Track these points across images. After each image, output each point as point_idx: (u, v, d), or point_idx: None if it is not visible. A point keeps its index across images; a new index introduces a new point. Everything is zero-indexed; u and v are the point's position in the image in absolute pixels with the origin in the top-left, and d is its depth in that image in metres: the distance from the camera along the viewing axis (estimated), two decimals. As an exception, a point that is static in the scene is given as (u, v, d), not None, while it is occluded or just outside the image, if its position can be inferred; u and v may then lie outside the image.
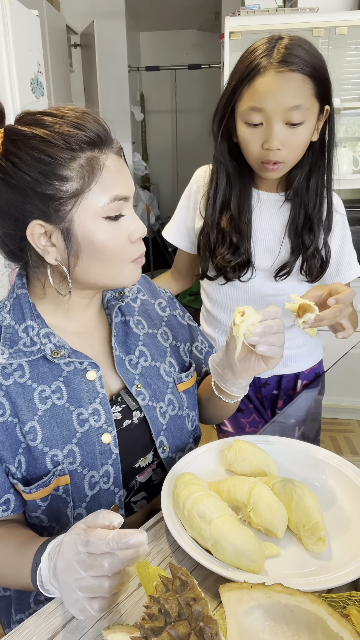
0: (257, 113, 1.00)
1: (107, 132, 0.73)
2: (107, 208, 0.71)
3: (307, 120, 1.01)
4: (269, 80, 0.98)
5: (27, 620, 0.64)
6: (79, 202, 0.70)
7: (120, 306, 0.90)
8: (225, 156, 1.13)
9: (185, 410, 0.93)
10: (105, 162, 0.71)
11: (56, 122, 0.70)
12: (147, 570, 0.58)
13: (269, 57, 0.98)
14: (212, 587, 0.66)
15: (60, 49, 3.30)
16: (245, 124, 1.04)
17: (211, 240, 1.18)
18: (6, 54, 1.95)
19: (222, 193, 1.16)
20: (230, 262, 1.16)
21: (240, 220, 1.16)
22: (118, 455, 0.81)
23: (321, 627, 0.54)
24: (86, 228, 0.71)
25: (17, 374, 0.76)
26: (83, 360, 0.80)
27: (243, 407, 1.37)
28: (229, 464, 0.85)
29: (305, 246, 1.16)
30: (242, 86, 1.02)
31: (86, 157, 0.70)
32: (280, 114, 0.99)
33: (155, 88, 5.12)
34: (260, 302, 1.23)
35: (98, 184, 0.70)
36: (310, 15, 2.25)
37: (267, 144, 1.02)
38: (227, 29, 2.25)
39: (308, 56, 1.00)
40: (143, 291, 0.98)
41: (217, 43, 3.83)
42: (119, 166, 0.73)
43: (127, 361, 0.87)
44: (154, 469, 0.91)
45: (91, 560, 0.55)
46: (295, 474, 0.84)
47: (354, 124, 2.53)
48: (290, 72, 0.97)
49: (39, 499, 0.76)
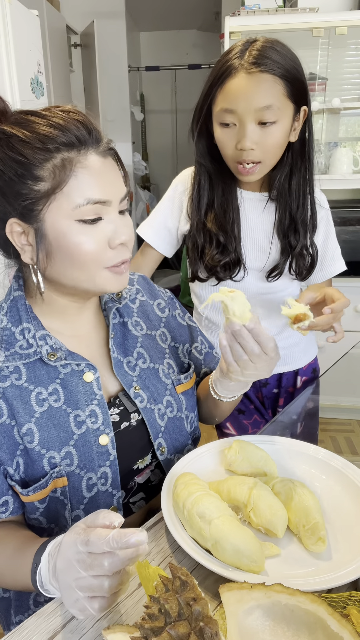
0: (229, 114, 1.03)
1: (92, 133, 0.71)
2: (80, 211, 0.69)
3: (280, 120, 1.03)
4: (239, 81, 1.00)
5: (27, 620, 0.64)
6: (49, 202, 0.69)
7: (118, 308, 0.90)
8: (205, 157, 1.14)
9: (184, 412, 0.92)
10: (83, 164, 0.69)
11: (37, 122, 0.70)
12: (147, 570, 0.58)
13: (241, 59, 1.00)
14: (212, 587, 0.66)
15: (60, 49, 3.30)
16: (219, 125, 1.06)
17: (199, 241, 1.18)
18: (6, 54, 1.94)
19: (205, 194, 1.17)
20: (219, 262, 1.17)
21: (226, 219, 1.16)
22: (116, 457, 0.80)
23: (321, 627, 0.54)
24: (57, 229, 0.70)
25: (14, 376, 0.76)
26: (80, 362, 0.79)
27: (244, 408, 1.37)
28: (229, 464, 0.85)
29: (291, 246, 1.18)
30: (215, 88, 1.04)
31: (62, 157, 0.69)
32: (252, 114, 1.01)
33: (155, 88, 5.12)
34: (253, 301, 1.23)
35: (70, 186, 0.69)
36: (310, 15, 2.25)
37: (240, 144, 1.03)
38: (227, 29, 2.24)
39: (280, 58, 1.01)
40: (142, 292, 0.97)
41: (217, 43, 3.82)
42: (102, 169, 0.71)
43: (125, 363, 0.87)
44: (153, 470, 0.90)
45: (91, 559, 0.55)
46: (295, 474, 0.84)
47: (354, 124, 2.53)
48: (260, 73, 0.99)
49: (37, 501, 0.76)
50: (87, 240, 0.71)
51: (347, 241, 1.30)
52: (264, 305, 1.25)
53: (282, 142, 1.07)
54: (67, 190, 0.69)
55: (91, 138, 0.71)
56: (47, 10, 3.00)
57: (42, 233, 0.71)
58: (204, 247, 1.18)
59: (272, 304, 1.26)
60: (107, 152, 0.73)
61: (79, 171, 0.69)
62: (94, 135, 0.71)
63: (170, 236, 1.26)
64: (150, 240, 1.27)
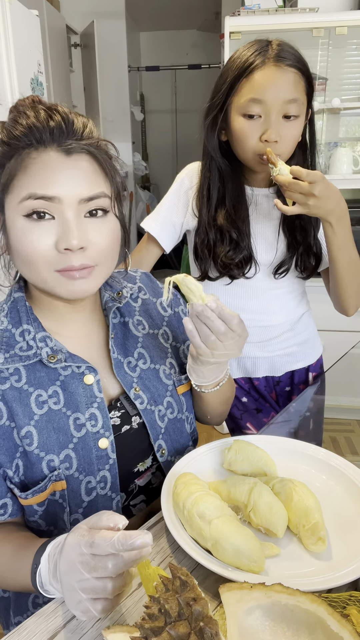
0: (257, 105, 1.03)
1: (56, 129, 0.69)
2: (24, 205, 0.68)
3: (301, 116, 1.06)
4: (269, 72, 1.02)
5: (27, 620, 0.64)
6: (6, 195, 0.70)
7: (119, 307, 0.89)
8: (217, 152, 1.14)
9: (184, 413, 0.92)
10: (36, 159, 0.68)
11: (9, 115, 0.72)
12: (147, 570, 0.58)
13: (264, 55, 1.03)
14: (212, 587, 0.66)
15: (60, 49, 3.30)
16: (242, 117, 1.05)
17: (210, 238, 1.17)
18: (6, 54, 1.95)
19: (215, 190, 1.16)
20: (233, 259, 1.17)
21: (237, 216, 1.16)
22: (115, 461, 0.80)
23: (321, 627, 0.54)
24: (10, 222, 0.71)
25: (14, 378, 0.75)
26: (80, 365, 0.79)
27: (261, 407, 1.39)
28: (229, 464, 0.85)
29: (297, 242, 1.19)
30: (240, 80, 1.04)
31: (23, 150, 0.69)
32: (279, 105, 1.02)
33: (155, 88, 5.12)
34: (263, 297, 1.25)
35: (19, 179, 0.69)
36: (310, 15, 2.25)
37: (266, 135, 1.04)
38: (227, 29, 2.24)
39: (299, 55, 1.05)
40: (145, 289, 0.96)
41: (217, 43, 3.82)
42: (58, 166, 0.69)
43: (125, 364, 0.86)
44: (153, 473, 0.90)
45: (95, 561, 0.54)
46: (295, 474, 0.84)
47: (354, 124, 2.53)
48: (287, 67, 1.02)
49: (36, 504, 0.75)
50: (35, 239, 0.69)
51: (347, 241, 1.30)
52: (274, 301, 1.26)
53: (299, 138, 1.09)
54: (17, 184, 0.69)
55: (53, 135, 0.69)
56: (47, 10, 3.00)
57: (5, 224, 0.72)
58: (215, 245, 1.18)
59: (282, 300, 1.27)
60: (78, 150, 0.70)
61: (30, 167, 0.69)
62: (59, 131, 0.69)
63: (174, 231, 1.26)
64: (155, 233, 1.25)
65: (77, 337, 0.83)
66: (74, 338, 0.83)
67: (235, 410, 1.40)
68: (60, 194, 0.68)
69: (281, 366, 1.34)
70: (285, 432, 1.14)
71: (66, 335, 0.82)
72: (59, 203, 0.69)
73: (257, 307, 1.26)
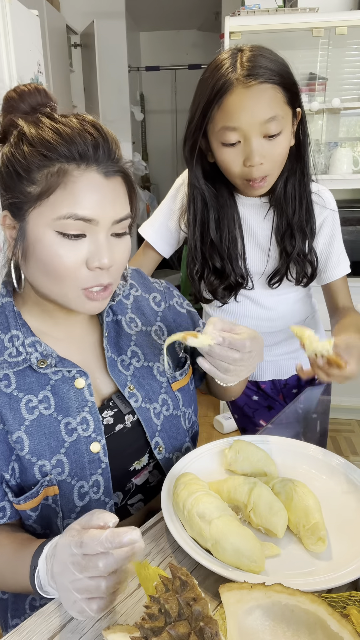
0: (232, 132, 0.97)
1: (99, 150, 0.70)
2: (62, 223, 0.69)
3: (284, 129, 0.99)
4: (239, 96, 0.94)
5: (27, 620, 0.64)
6: (36, 206, 0.70)
7: (112, 305, 0.89)
8: (200, 181, 1.10)
9: (181, 409, 0.92)
10: (78, 178, 0.69)
11: (47, 127, 0.70)
12: (147, 570, 0.58)
13: (234, 73, 0.94)
14: (212, 587, 0.66)
15: (60, 49, 3.31)
16: (222, 145, 1.00)
17: (197, 264, 1.17)
18: (6, 54, 1.95)
19: (199, 218, 1.14)
20: (218, 287, 1.16)
21: (222, 244, 1.14)
22: (108, 465, 0.80)
23: (321, 627, 0.54)
24: (35, 234, 0.70)
25: (3, 383, 0.75)
26: (71, 369, 0.79)
27: (273, 404, 1.40)
28: (229, 464, 0.85)
29: (287, 252, 1.15)
30: (212, 107, 0.97)
31: (59, 167, 0.69)
32: (257, 128, 0.96)
33: (155, 88, 5.12)
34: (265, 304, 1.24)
35: (57, 196, 0.68)
36: (310, 15, 2.25)
37: (249, 161, 0.98)
38: (227, 29, 2.25)
39: (272, 64, 0.96)
40: (136, 286, 0.96)
41: (217, 43, 3.82)
42: (98, 187, 0.70)
43: (119, 362, 0.86)
44: (151, 471, 0.90)
45: (86, 561, 0.54)
46: (295, 474, 0.84)
47: (354, 124, 2.53)
48: (258, 85, 0.94)
49: (29, 509, 0.75)
50: (64, 254, 0.70)
51: (347, 241, 1.30)
52: (277, 307, 1.25)
53: (287, 150, 1.03)
54: (53, 200, 0.69)
55: (96, 155, 0.70)
56: (47, 10, 3.00)
57: (23, 232, 0.72)
58: (203, 271, 1.17)
59: (285, 305, 1.26)
60: (115, 173, 0.72)
61: (70, 184, 0.68)
62: (101, 153, 0.70)
63: (171, 237, 1.25)
64: (151, 240, 1.25)
65: (71, 337, 0.83)
66: (67, 339, 0.83)
67: (247, 408, 1.40)
68: (99, 216, 0.70)
69: (287, 369, 1.34)
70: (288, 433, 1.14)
71: (60, 337, 0.82)
72: (96, 225, 0.70)
73: (259, 314, 1.26)
